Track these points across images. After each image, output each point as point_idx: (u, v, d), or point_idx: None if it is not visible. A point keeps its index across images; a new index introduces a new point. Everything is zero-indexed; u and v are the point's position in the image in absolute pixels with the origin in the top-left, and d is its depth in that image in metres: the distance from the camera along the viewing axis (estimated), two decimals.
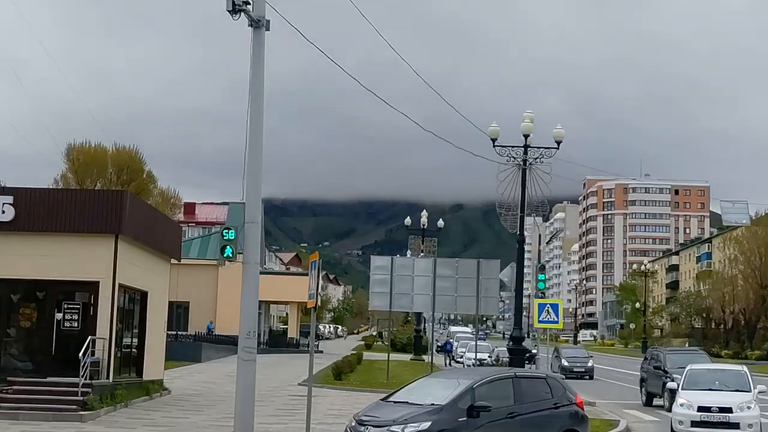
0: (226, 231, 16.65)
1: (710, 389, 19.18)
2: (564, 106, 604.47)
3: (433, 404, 12.98)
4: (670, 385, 22.64)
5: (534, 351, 45.78)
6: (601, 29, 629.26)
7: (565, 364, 46.38)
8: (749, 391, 18.91)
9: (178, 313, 56.88)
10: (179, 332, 50.26)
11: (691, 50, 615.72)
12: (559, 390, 14.14)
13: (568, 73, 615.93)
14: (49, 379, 22.14)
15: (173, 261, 30.00)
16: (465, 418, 12.80)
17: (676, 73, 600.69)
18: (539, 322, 31.47)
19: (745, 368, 20.34)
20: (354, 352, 55.97)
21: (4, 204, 22.68)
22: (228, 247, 16.54)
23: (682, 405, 18.83)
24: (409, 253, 64.83)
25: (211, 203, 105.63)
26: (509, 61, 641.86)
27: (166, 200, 68.59)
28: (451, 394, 13.10)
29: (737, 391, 18.94)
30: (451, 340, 63.16)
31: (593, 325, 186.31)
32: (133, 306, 25.83)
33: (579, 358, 47.64)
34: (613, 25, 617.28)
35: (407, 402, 13.29)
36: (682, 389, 19.42)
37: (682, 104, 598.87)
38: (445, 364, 55.01)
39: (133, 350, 26.02)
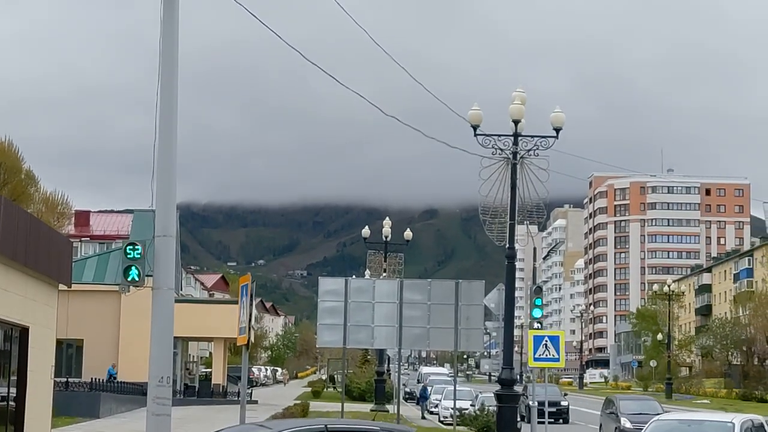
0: (131, 247, 16.53)
1: None
2: (568, 85, 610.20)
3: None
4: None
5: (564, 403, 43.85)
6: None
7: (627, 426, 37.28)
8: None
9: (68, 354, 56.32)
10: (71, 379, 49.77)
11: (733, 12, 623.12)
12: None
13: (574, 42, 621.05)
14: None
15: (62, 287, 29.72)
16: None
17: (713, 41, 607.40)
18: (535, 359, 31.63)
19: (739, 421, 17.99)
20: (298, 401, 55.83)
21: None
22: (133, 267, 16.42)
23: None
24: (368, 273, 64.76)
25: (111, 211, 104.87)
26: (501, 28, 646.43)
27: (51, 208, 68.02)
28: None
29: None
30: (429, 387, 63.25)
31: (604, 363, 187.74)
32: (9, 346, 25.53)
33: (649, 415, 39.08)
34: None
35: None
36: None
37: (719, 81, 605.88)
38: (423, 416, 55.16)
39: (11, 403, 25.71)
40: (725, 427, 17.70)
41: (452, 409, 42.37)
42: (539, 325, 36.36)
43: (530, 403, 35.49)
